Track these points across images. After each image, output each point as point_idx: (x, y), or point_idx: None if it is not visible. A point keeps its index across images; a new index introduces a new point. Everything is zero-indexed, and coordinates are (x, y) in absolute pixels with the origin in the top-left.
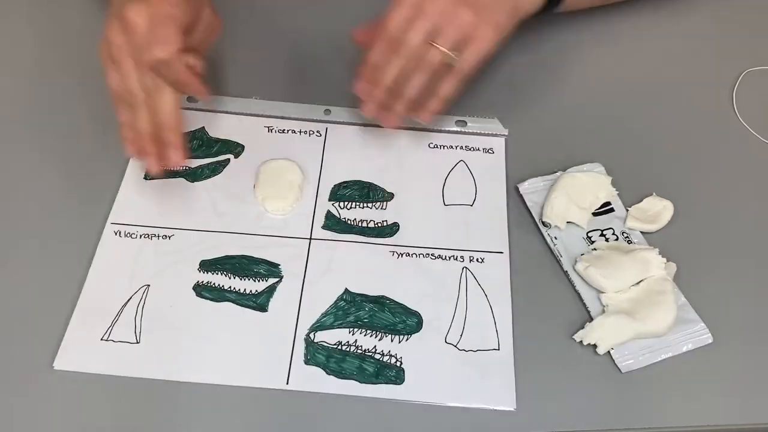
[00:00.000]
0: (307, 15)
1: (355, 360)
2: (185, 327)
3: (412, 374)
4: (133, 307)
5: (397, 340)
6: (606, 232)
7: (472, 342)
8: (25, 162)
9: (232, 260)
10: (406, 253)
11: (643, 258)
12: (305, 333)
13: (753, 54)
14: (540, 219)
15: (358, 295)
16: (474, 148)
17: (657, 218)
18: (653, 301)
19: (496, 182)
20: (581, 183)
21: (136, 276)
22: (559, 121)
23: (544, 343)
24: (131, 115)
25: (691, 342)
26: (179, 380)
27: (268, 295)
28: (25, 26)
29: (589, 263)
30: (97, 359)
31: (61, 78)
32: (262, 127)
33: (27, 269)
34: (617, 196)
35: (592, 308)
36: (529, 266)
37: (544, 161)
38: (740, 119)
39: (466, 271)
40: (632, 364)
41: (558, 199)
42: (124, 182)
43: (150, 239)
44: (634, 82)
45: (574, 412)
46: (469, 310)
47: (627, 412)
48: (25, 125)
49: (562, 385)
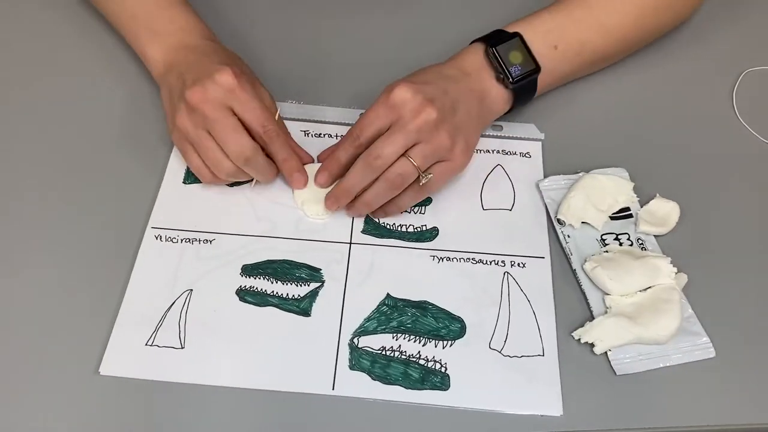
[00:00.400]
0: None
1: (400, 365)
2: (229, 332)
3: (457, 380)
4: (176, 311)
5: (441, 346)
6: (621, 236)
7: (516, 348)
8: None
9: (274, 264)
10: (447, 258)
11: (653, 265)
12: (349, 338)
13: (753, 54)
14: (555, 216)
15: (400, 300)
16: (511, 153)
17: (666, 221)
18: (658, 309)
19: (534, 187)
20: (602, 185)
21: (179, 280)
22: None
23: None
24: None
25: (692, 354)
26: (224, 385)
27: (311, 300)
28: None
29: (598, 264)
30: (142, 364)
31: (101, 81)
32: (299, 131)
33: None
34: (638, 203)
35: (596, 309)
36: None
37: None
38: (740, 119)
39: (508, 275)
40: (628, 368)
41: (576, 198)
42: (163, 186)
43: (191, 243)
44: (635, 82)
45: (567, 411)
46: (512, 315)
47: (619, 414)
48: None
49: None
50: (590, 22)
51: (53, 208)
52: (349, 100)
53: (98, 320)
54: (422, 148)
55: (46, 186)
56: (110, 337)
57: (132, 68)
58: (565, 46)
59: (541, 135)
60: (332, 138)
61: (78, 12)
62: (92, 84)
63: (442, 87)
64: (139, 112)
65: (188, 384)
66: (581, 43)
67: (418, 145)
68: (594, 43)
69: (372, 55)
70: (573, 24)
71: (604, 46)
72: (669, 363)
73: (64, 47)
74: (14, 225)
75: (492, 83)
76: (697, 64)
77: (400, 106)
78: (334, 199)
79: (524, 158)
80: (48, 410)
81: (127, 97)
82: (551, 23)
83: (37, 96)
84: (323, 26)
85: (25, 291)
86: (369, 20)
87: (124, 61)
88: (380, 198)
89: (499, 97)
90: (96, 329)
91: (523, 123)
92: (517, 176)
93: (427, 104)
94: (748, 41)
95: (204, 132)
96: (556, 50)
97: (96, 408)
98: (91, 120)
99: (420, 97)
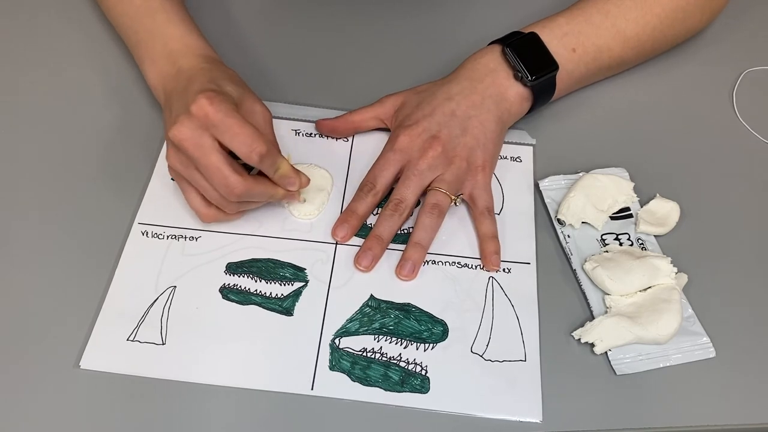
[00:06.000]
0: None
1: (380, 367)
2: (211, 329)
3: (438, 383)
4: (159, 308)
5: (423, 349)
6: (621, 236)
7: (498, 352)
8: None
9: (259, 263)
10: (432, 261)
11: (653, 265)
12: (330, 338)
13: (753, 54)
14: (555, 216)
15: (383, 301)
16: (501, 157)
17: (666, 220)
18: (658, 308)
19: (524, 192)
20: (602, 185)
21: (163, 277)
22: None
23: (542, 340)
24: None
25: (692, 354)
26: (204, 382)
27: (294, 299)
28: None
29: (598, 264)
30: (123, 359)
31: (90, 76)
32: (289, 131)
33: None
34: (638, 203)
35: (596, 309)
36: (537, 261)
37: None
38: (740, 119)
39: (493, 280)
40: (628, 368)
41: (576, 198)
42: (152, 182)
43: (177, 240)
44: (635, 82)
45: (566, 411)
46: (496, 320)
47: (619, 414)
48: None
49: (559, 383)
50: (608, 27)
51: (41, 203)
52: (340, 102)
53: (81, 314)
54: (442, 178)
55: (35, 181)
56: (92, 332)
57: (122, 63)
58: (583, 50)
59: (532, 140)
60: (323, 138)
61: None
62: (82, 79)
63: (449, 110)
64: (130, 107)
65: (168, 380)
66: (598, 48)
67: (437, 176)
68: (611, 49)
69: (365, 56)
70: (591, 29)
71: (620, 52)
72: (669, 363)
73: (53, 42)
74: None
75: (510, 82)
76: (697, 64)
77: (407, 149)
78: (366, 251)
79: (515, 162)
80: (27, 403)
81: (116, 92)
82: (567, 27)
83: (25, 91)
84: (314, 27)
85: (8, 284)
86: (363, 21)
87: (115, 55)
88: (428, 232)
89: (518, 96)
90: (79, 323)
91: (515, 129)
92: (507, 181)
93: (432, 141)
94: (748, 41)
95: (195, 171)
96: (574, 53)
97: (75, 402)
98: (81, 115)
99: (424, 136)
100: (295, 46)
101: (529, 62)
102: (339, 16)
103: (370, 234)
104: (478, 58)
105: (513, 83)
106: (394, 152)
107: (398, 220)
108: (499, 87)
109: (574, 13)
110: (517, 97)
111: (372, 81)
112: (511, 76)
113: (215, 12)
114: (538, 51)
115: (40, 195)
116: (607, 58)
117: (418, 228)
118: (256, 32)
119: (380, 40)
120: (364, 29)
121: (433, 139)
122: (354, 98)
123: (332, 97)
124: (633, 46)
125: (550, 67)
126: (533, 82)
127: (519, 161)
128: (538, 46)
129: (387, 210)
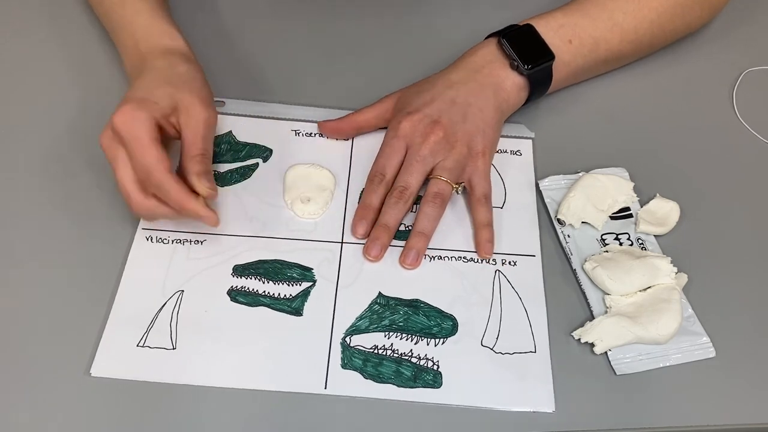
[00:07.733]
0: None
1: (392, 364)
2: (221, 332)
3: (450, 378)
4: (168, 312)
5: (433, 344)
6: (621, 236)
7: (508, 345)
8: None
9: (266, 264)
10: (438, 256)
11: (653, 265)
12: (341, 337)
13: (753, 54)
14: (555, 216)
15: (392, 298)
16: (502, 150)
17: (666, 220)
18: (657, 308)
19: (525, 185)
20: (602, 185)
21: (170, 281)
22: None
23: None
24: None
25: (692, 354)
26: (217, 386)
27: (303, 299)
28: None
29: (598, 264)
30: (134, 365)
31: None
32: (289, 131)
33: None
34: (638, 203)
35: (596, 309)
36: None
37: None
38: (740, 119)
39: (499, 273)
40: (628, 368)
41: (576, 198)
42: None
43: (182, 244)
44: (635, 82)
45: (567, 411)
46: (504, 313)
47: (619, 414)
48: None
49: (559, 383)
50: (605, 20)
51: (44, 209)
52: (340, 101)
53: (89, 321)
54: (443, 165)
55: (37, 186)
56: (101, 339)
57: (121, 62)
58: (579, 41)
59: (531, 134)
60: (323, 137)
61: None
62: (82, 80)
63: (448, 98)
64: None
65: (180, 385)
66: (595, 41)
67: (439, 162)
68: (608, 42)
69: (364, 56)
70: (587, 21)
71: (618, 45)
72: (669, 363)
73: (49, 42)
74: (4, 226)
75: (507, 72)
76: (697, 64)
77: (409, 135)
78: (375, 241)
79: (515, 156)
80: (39, 411)
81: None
82: (564, 19)
83: (24, 93)
84: (313, 26)
85: (15, 292)
86: (361, 20)
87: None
88: (431, 221)
89: (515, 85)
90: (87, 330)
91: (513, 123)
92: (509, 174)
93: (433, 126)
94: (748, 41)
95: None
96: (570, 44)
97: (87, 409)
98: (83, 119)
99: (426, 121)
100: (295, 46)
101: (524, 52)
102: (338, 16)
103: (377, 224)
104: (476, 50)
105: (510, 73)
106: (397, 139)
107: (403, 207)
108: (496, 77)
109: (571, 7)
110: (514, 87)
111: (371, 81)
112: (508, 65)
113: (214, 12)
114: (533, 41)
115: (42, 202)
116: (605, 51)
117: (420, 217)
118: (255, 32)
119: (380, 40)
120: (363, 29)
121: (435, 124)
122: (353, 98)
123: (331, 97)
124: (631, 40)
125: (545, 56)
126: (529, 71)
127: (519, 155)
128: (534, 37)
129: (392, 198)
